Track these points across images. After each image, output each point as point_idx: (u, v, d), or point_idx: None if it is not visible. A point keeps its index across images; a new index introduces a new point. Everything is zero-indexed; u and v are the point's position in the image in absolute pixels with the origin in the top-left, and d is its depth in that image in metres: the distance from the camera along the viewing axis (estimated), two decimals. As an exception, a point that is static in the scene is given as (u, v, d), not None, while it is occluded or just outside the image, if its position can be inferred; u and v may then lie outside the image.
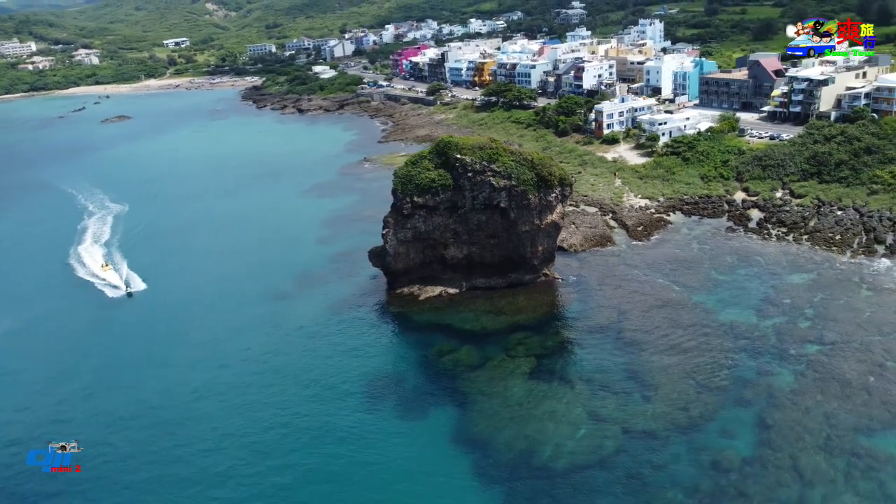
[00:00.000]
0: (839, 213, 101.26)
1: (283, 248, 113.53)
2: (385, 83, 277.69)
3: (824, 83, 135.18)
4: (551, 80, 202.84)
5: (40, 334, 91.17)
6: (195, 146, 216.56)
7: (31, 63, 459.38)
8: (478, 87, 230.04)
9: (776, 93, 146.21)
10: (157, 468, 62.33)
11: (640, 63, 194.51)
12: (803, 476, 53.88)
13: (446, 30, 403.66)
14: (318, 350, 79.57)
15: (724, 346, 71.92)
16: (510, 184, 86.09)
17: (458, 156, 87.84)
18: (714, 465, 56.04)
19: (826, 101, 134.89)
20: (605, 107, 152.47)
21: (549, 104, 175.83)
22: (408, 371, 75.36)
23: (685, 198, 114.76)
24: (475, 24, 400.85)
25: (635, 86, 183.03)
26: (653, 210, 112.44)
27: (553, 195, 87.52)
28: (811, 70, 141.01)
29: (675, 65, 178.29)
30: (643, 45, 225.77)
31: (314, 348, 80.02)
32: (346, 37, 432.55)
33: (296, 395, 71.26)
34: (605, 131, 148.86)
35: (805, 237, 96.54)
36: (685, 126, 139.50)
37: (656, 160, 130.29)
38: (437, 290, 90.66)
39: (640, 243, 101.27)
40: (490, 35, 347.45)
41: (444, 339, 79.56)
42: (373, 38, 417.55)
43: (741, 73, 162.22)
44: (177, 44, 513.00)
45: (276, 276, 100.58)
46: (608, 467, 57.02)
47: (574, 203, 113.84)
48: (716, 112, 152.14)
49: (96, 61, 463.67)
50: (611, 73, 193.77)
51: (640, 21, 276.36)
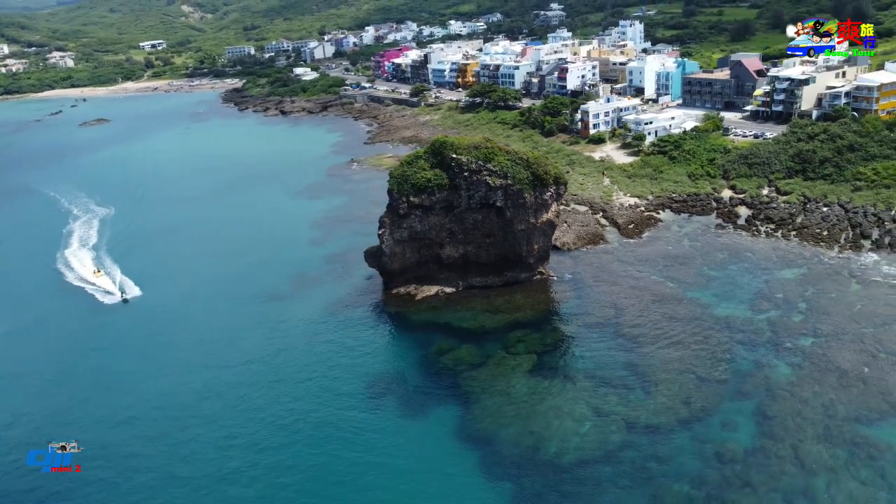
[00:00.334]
0: (825, 209, 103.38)
1: (277, 250, 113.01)
2: (368, 85, 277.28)
3: (805, 82, 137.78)
4: (535, 80, 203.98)
5: (38, 339, 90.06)
6: (179, 149, 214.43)
7: (4, 66, 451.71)
8: (461, 89, 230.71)
9: (758, 92, 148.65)
10: (158, 468, 62.16)
11: (622, 64, 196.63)
12: (805, 465, 55.10)
13: (426, 31, 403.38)
14: (318, 351, 79.54)
15: (720, 340, 73.19)
16: (506, 183, 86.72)
17: (454, 155, 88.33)
18: (718, 456, 57.02)
19: (807, 100, 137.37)
20: (591, 107, 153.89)
21: (535, 105, 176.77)
22: (409, 370, 75.58)
23: (674, 196, 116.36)
24: (455, 26, 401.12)
25: (618, 86, 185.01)
26: (643, 208, 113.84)
27: (548, 194, 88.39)
28: (792, 70, 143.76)
29: (658, 65, 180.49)
30: (624, 45, 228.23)
31: (314, 349, 79.95)
32: (326, 39, 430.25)
33: (298, 395, 71.15)
34: (592, 131, 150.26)
35: (793, 233, 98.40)
36: (671, 125, 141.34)
37: (643, 159, 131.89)
38: (433, 289, 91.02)
39: (631, 241, 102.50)
40: (471, 37, 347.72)
41: (443, 338, 79.82)
42: (353, 39, 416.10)
43: (723, 73, 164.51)
44: (153, 46, 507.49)
45: (272, 279, 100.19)
46: (614, 461, 57.74)
47: (565, 202, 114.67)
48: (699, 112, 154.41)
49: (71, 64, 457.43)
50: (594, 74, 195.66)
51: (621, 22, 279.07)
